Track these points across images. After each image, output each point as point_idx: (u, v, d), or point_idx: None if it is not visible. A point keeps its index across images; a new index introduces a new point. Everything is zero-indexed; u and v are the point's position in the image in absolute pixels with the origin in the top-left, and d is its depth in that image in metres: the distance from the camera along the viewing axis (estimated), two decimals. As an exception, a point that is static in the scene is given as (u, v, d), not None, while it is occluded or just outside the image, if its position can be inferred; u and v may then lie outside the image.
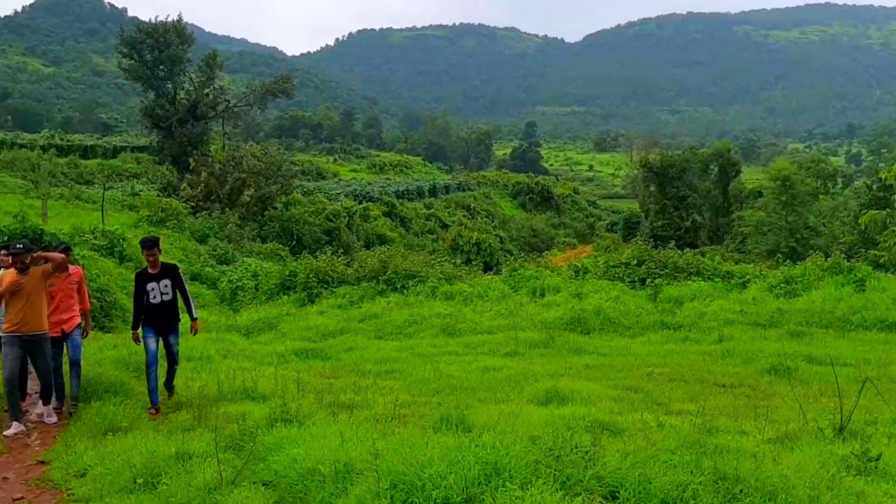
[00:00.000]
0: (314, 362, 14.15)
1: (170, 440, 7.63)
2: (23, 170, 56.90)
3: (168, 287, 10.70)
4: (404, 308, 18.73)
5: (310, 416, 8.24)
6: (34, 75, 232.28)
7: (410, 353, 14.54)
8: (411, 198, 74.65)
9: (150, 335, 10.57)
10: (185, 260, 28.42)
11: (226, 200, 42.76)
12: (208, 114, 58.92)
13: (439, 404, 9.99)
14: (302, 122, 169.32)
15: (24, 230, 20.39)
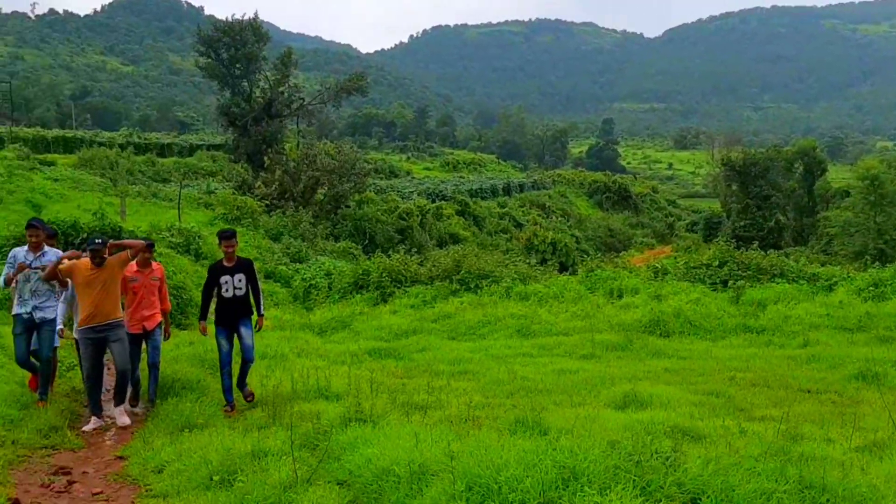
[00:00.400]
0: (387, 362, 14.22)
1: (245, 438, 7.76)
2: (101, 168, 58.38)
3: (242, 282, 10.67)
4: (478, 308, 18.70)
5: (383, 416, 8.31)
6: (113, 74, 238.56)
7: (484, 355, 14.52)
8: (485, 196, 74.58)
9: (222, 335, 10.61)
10: (260, 258, 28.85)
11: (299, 199, 43.30)
12: (283, 112, 59.77)
13: (514, 406, 9.97)
14: (375, 120, 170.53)
15: (104, 227, 20.95)
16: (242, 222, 35.33)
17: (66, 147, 70.61)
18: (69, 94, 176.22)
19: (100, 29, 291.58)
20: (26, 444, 8.93)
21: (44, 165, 54.54)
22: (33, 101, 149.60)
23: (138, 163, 64.43)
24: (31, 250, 10.59)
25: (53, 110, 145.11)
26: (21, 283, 10.50)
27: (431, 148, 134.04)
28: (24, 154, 56.42)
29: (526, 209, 74.12)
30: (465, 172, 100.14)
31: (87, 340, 9.84)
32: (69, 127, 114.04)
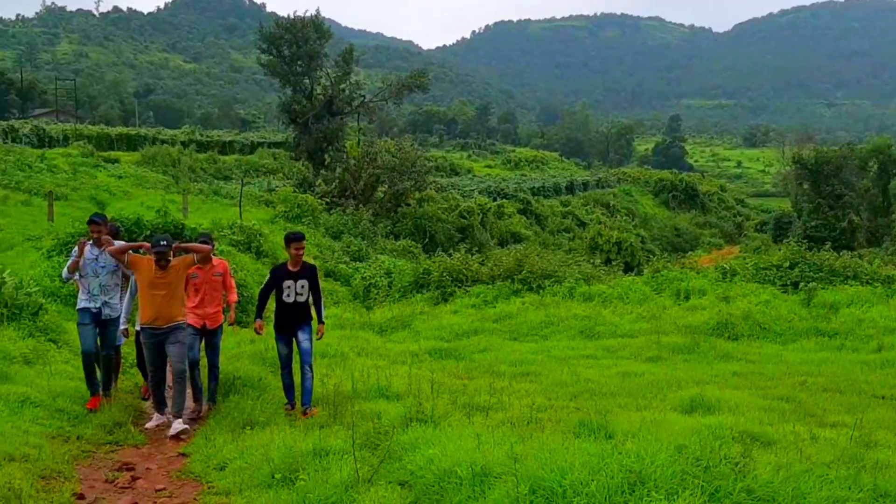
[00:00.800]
0: (448, 362, 14.26)
1: (307, 436, 7.83)
2: (164, 165, 59.44)
3: (304, 288, 10.47)
4: (540, 309, 18.64)
5: (445, 417, 8.34)
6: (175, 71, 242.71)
7: (547, 356, 14.50)
8: (547, 195, 74.29)
9: (280, 341, 10.53)
10: (320, 256, 29.11)
11: (360, 197, 43.56)
12: (344, 109, 60.19)
13: (577, 409, 9.95)
14: (436, 117, 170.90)
15: (166, 225, 21.32)
16: (303, 220, 35.67)
17: (129, 144, 72.05)
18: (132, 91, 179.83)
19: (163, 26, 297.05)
20: (90, 439, 9.13)
21: (108, 163, 55.82)
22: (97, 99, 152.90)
23: (200, 160, 65.45)
24: (94, 245, 10.57)
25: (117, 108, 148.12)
26: (89, 278, 10.48)
27: (493, 145, 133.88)
28: (89, 151, 57.72)
29: (589, 208, 73.67)
30: (527, 170, 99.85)
31: (148, 342, 9.91)
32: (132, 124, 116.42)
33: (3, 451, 7.79)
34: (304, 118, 58.39)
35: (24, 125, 68.39)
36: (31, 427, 9.01)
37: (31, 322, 12.88)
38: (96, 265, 10.54)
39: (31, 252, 21.00)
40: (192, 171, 59.87)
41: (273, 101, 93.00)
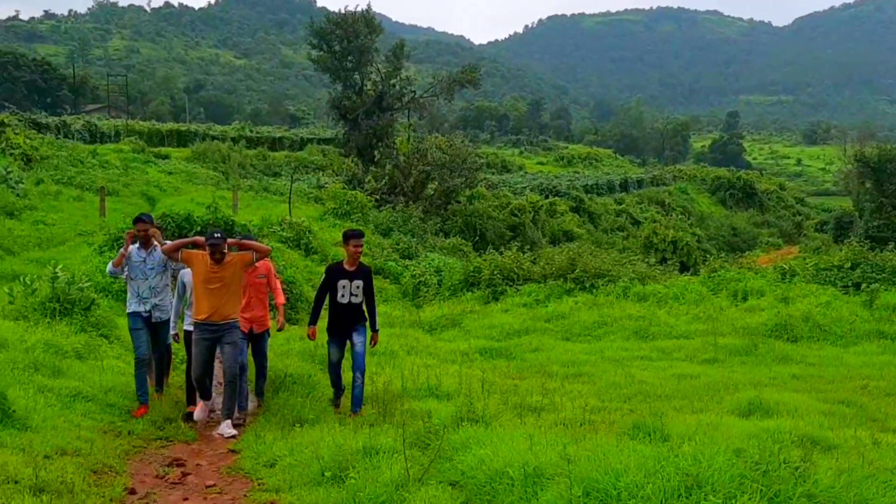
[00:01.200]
0: (498, 362, 14.28)
1: (356, 434, 7.89)
2: (214, 161, 60.13)
3: (359, 289, 10.29)
4: (593, 308, 18.56)
5: (496, 417, 8.36)
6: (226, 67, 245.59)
7: (600, 357, 14.45)
8: (601, 192, 73.87)
9: (333, 345, 10.38)
10: (369, 254, 29.24)
11: (409, 194, 43.68)
12: (394, 105, 60.32)
13: (631, 411, 9.95)
14: (488, 113, 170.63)
15: (217, 221, 21.55)
16: (352, 217, 35.84)
17: (179, 140, 72.98)
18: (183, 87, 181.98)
19: (213, 22, 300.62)
20: (141, 434, 9.29)
21: (158, 158, 56.60)
22: (148, 95, 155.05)
23: (250, 156, 66.10)
24: (141, 247, 10.43)
25: (168, 104, 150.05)
26: (138, 280, 10.35)
27: (545, 142, 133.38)
28: (140, 147, 58.63)
29: (644, 206, 73.13)
30: (580, 167, 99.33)
31: (200, 338, 9.75)
32: (183, 120, 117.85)
33: (55, 445, 7.96)
34: (354, 114, 58.62)
35: (76, 121, 69.59)
36: (82, 421, 9.19)
37: (83, 317, 13.10)
38: (144, 267, 10.41)
39: (83, 247, 21.37)
40: (242, 168, 60.49)
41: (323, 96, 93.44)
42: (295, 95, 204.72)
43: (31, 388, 9.40)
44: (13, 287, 13.75)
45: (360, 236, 10.42)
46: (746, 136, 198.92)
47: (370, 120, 58.03)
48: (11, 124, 43.73)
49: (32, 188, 31.82)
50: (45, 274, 13.94)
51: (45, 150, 43.00)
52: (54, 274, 13.29)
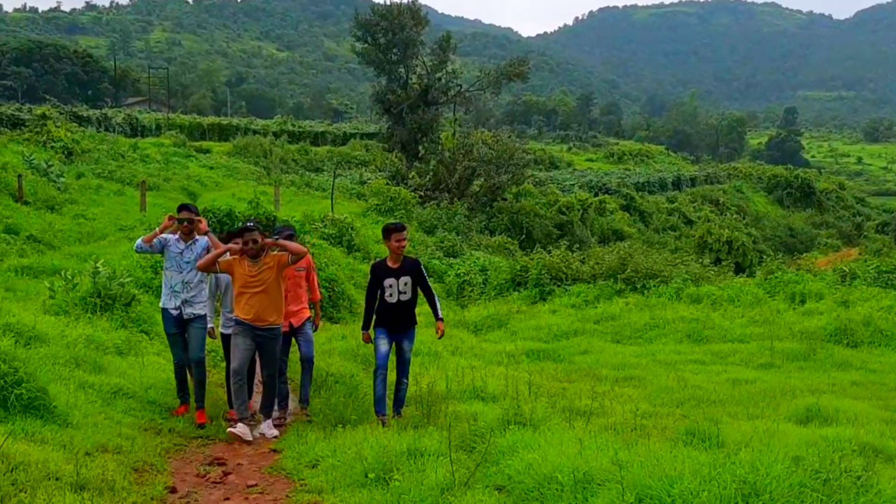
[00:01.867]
0: (546, 364, 14.24)
1: (400, 436, 7.90)
2: (255, 156, 60.70)
3: (408, 286, 9.87)
4: (644, 310, 18.46)
5: (544, 421, 8.32)
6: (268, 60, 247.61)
7: (651, 360, 14.36)
8: (652, 190, 73.46)
9: (381, 336, 9.88)
10: (413, 252, 29.31)
11: (454, 190, 43.71)
12: (439, 99, 60.32)
13: (684, 416, 9.87)
14: (535, 108, 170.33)
15: (258, 216, 21.75)
16: (395, 214, 35.93)
17: (221, 134, 73.77)
18: (224, 80, 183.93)
19: (256, 14, 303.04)
20: (182, 432, 9.39)
21: (199, 153, 57.26)
22: (190, 88, 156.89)
23: (292, 151, 66.60)
24: (181, 238, 10.05)
25: (209, 97, 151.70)
26: (172, 271, 10.00)
27: (595, 138, 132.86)
28: (181, 141, 59.36)
29: (697, 205, 72.56)
30: (630, 164, 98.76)
31: (240, 334, 9.43)
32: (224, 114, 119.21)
33: (96, 442, 8.07)
34: (399, 108, 58.73)
35: (117, 114, 70.62)
36: (123, 418, 9.30)
37: (124, 313, 13.28)
38: (181, 260, 10.01)
39: (123, 242, 21.65)
40: (284, 163, 60.96)
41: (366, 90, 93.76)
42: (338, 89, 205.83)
43: (72, 384, 9.53)
44: (54, 282, 13.98)
45: (402, 230, 9.90)
46: (805, 133, 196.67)
47: (415, 114, 58.08)
48: (52, 117, 44.40)
49: (73, 182, 32.29)
50: (85, 269, 14.15)
51: (86, 144, 43.63)
52: (95, 269, 13.48)
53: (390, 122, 61.38)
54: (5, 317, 11.13)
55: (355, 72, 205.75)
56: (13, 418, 7.86)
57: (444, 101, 61.53)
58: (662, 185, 77.40)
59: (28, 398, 8.12)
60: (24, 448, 7.11)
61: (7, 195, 26.76)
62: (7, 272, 17.91)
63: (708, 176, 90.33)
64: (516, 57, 67.12)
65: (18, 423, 7.79)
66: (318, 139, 79.74)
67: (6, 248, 20.74)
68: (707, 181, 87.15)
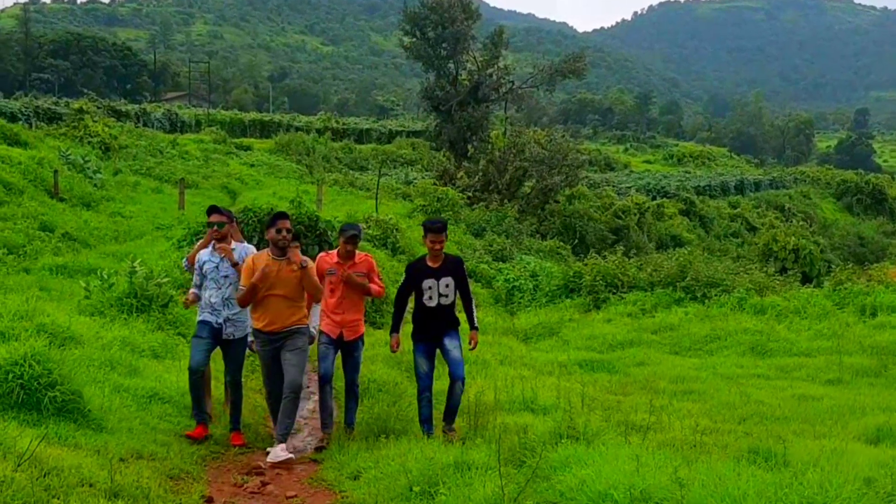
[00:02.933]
0: (600, 375, 14.17)
1: (447, 448, 7.88)
2: (298, 154, 61.14)
3: (449, 287, 9.38)
4: (705, 321, 18.29)
5: (598, 435, 8.25)
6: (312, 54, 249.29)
7: (712, 373, 14.21)
8: (713, 195, 72.81)
9: (421, 354, 9.47)
10: (460, 255, 29.31)
11: (504, 191, 43.65)
12: (490, 96, 60.33)
13: (746, 434, 9.77)
14: (591, 107, 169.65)
15: (300, 216, 21.82)
16: (442, 215, 35.94)
17: (262, 131, 74.51)
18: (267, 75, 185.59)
19: (300, 6, 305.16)
20: (219, 440, 9.44)
21: (240, 150, 57.89)
22: (231, 82, 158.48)
23: (335, 149, 67.03)
24: (216, 250, 9.51)
25: (251, 92, 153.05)
26: (210, 289, 9.46)
27: (653, 138, 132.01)
28: (221, 138, 60.04)
29: (761, 210, 71.80)
30: (691, 167, 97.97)
31: (263, 349, 9.17)
32: (266, 110, 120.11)
33: (131, 448, 8.15)
34: (448, 105, 58.79)
35: (156, 109, 71.63)
36: (159, 424, 9.38)
37: (161, 314, 13.39)
38: (217, 274, 9.45)
39: (160, 241, 21.90)
40: (327, 161, 61.37)
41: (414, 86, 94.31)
42: (384, 85, 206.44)
43: (106, 388, 9.64)
44: (89, 281, 14.15)
45: (440, 230, 9.29)
46: (877, 135, 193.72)
47: (464, 112, 58.13)
48: (90, 111, 45.13)
49: (110, 178, 32.79)
50: (122, 268, 14.32)
51: (124, 139, 44.28)
52: (132, 268, 13.60)
53: (438, 120, 61.48)
54: (39, 317, 11.29)
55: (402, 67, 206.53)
56: (46, 421, 7.97)
57: (496, 99, 61.53)
58: (724, 190, 76.70)
59: (62, 401, 8.22)
60: (57, 452, 7.20)
61: (42, 191, 27.22)
62: (41, 271, 18.21)
63: (773, 180, 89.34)
64: (572, 53, 66.94)
65: (52, 426, 7.89)
66: (362, 137, 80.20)
67: (41, 246, 21.08)
68: (772, 186, 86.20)
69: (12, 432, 7.15)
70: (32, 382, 8.05)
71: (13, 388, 7.97)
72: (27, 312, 11.44)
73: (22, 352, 8.19)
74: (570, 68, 60.53)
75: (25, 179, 27.26)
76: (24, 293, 13.38)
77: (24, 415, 7.91)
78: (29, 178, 27.58)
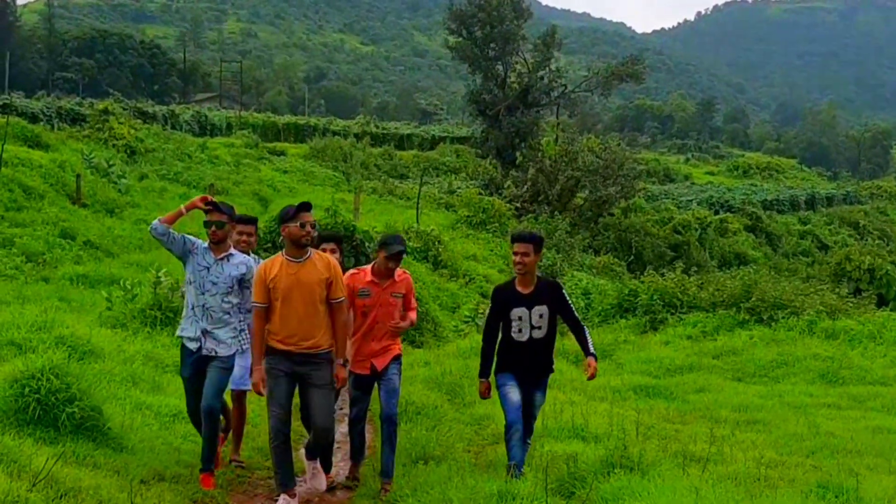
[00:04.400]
0: (656, 402, 14.08)
1: (490, 476, 7.86)
2: (334, 160, 61.43)
3: (544, 318, 8.38)
4: (772, 345, 18.14)
5: (654, 466, 8.21)
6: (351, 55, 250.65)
7: (778, 402, 14.08)
8: (781, 209, 72.32)
9: (509, 382, 8.38)
10: (506, 270, 29.26)
11: (555, 203, 43.61)
12: (541, 100, 60.40)
13: (815, 467, 9.72)
14: (649, 113, 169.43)
15: (336, 226, 21.92)
16: (488, 227, 36.02)
17: (297, 135, 74.98)
18: (303, 76, 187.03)
19: (339, 4, 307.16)
20: (246, 462, 9.46)
21: (273, 155, 58.26)
22: (264, 84, 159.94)
23: (374, 155, 67.26)
24: (212, 249, 8.46)
25: (285, 94, 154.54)
26: (193, 293, 8.43)
27: (717, 148, 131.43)
28: (253, 142, 60.47)
29: (834, 227, 71.13)
30: (757, 179, 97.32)
31: (275, 368, 7.91)
32: (301, 113, 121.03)
33: (152, 469, 8.20)
34: (495, 110, 58.91)
35: (185, 111, 72.28)
36: (182, 444, 9.41)
37: (186, 327, 13.46)
38: (205, 276, 8.37)
39: (187, 251, 22.05)
40: (365, 168, 61.58)
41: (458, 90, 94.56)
42: (427, 88, 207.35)
43: (128, 405, 9.72)
44: (111, 292, 14.30)
45: (528, 240, 8.34)
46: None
47: (513, 117, 58.21)
48: (115, 112, 45.59)
49: (135, 184, 33.11)
50: (146, 279, 14.44)
51: (151, 143, 44.70)
52: (157, 279, 13.73)
53: (485, 125, 61.63)
54: (59, 329, 11.43)
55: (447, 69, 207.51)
56: (63, 439, 8.06)
57: (547, 103, 61.61)
58: (794, 205, 76.16)
59: (80, 417, 8.31)
60: (75, 472, 7.28)
61: (64, 196, 27.56)
62: (62, 280, 18.45)
63: (847, 195, 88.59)
64: (630, 55, 66.95)
65: (69, 444, 7.99)
66: (403, 142, 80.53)
67: (61, 255, 21.35)
68: (846, 201, 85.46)
69: (27, 450, 7.24)
70: (50, 397, 8.14)
71: (29, 403, 8.07)
72: (45, 323, 11.58)
73: (39, 364, 8.29)
74: (628, 71, 60.50)
75: (46, 184, 27.60)
76: (43, 303, 13.55)
77: (40, 431, 7.99)
78: (50, 182, 27.93)
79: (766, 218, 63.97)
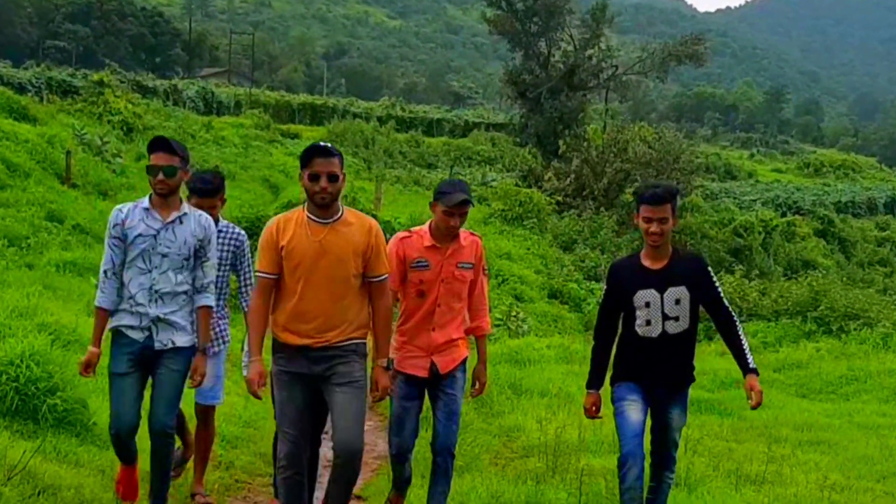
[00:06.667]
0: (708, 417, 14.06)
1: (518, 488, 7.88)
2: (355, 145, 61.51)
3: (682, 303, 6.69)
4: (841, 359, 18.13)
5: (702, 483, 8.22)
6: (376, 29, 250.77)
7: (847, 421, 14.05)
8: (857, 213, 71.89)
9: (630, 396, 6.80)
10: (544, 271, 29.25)
11: (601, 198, 43.47)
12: (588, 83, 60.19)
13: (886, 493, 9.71)
14: (710, 102, 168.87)
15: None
16: (525, 223, 35.91)
17: (313, 117, 75.36)
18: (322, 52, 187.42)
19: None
20: (246, 468, 9.48)
21: (286, 138, 58.45)
22: (279, 59, 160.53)
23: (399, 141, 67.29)
24: (156, 207, 6.79)
25: (302, 71, 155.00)
26: (135, 267, 6.66)
27: (786, 143, 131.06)
28: (264, 123, 60.67)
29: (916, 234, 70.79)
30: (831, 179, 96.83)
31: (285, 372, 6.29)
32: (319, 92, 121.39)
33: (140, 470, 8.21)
34: (536, 92, 58.69)
35: (189, 86, 72.72)
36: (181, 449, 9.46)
37: (180, 318, 13.52)
38: (153, 245, 6.63)
39: (190, 238, 22.15)
40: (389, 155, 61.63)
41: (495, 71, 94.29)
42: (461, 68, 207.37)
43: (115, 399, 9.76)
44: (102, 280, 14.35)
45: (666, 198, 6.55)
46: None
47: (556, 100, 57.98)
48: (112, 85, 45.73)
49: (132, 164, 33.17)
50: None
51: (150, 119, 44.86)
52: (149, 267, 13.74)
53: (524, 110, 61.49)
54: (42, 315, 11.48)
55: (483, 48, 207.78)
56: (44, 433, 8.09)
57: (595, 86, 61.42)
58: (871, 208, 75.70)
59: (63, 410, 8.34)
60: (55, 469, 7.31)
61: (52, 175, 27.64)
62: (47, 266, 18.50)
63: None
64: (690, 33, 66.51)
65: (50, 438, 8.01)
66: (432, 128, 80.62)
67: (48, 239, 21.40)
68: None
69: (3, 441, 7.29)
70: (30, 386, 8.18)
71: (7, 392, 8.10)
72: (27, 309, 11.65)
73: (19, 350, 8.33)
74: (687, 52, 60.18)
75: (33, 160, 27.68)
76: (26, 290, 13.63)
77: (18, 424, 8.04)
78: (37, 158, 28.00)
79: (840, 222, 63.56)
